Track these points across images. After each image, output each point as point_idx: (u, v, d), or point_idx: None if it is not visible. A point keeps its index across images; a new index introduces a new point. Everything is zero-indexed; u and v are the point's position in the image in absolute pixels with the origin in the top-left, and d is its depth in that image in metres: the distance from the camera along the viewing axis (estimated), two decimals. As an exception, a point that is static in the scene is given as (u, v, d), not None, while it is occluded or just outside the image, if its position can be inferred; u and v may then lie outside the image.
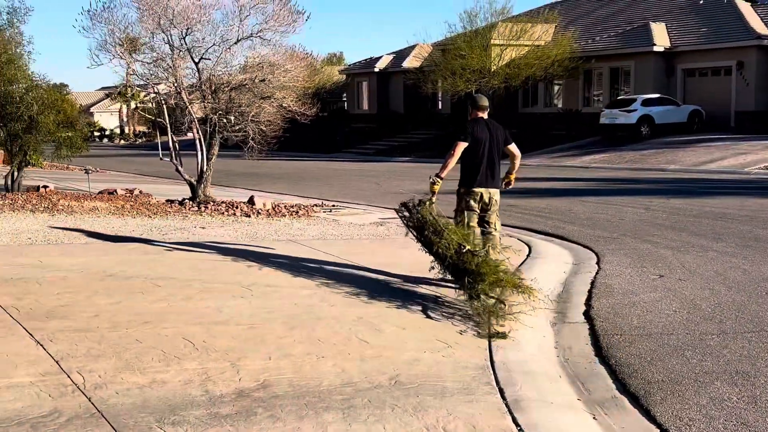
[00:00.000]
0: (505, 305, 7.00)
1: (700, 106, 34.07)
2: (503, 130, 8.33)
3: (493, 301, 6.99)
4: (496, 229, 8.30)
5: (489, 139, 8.11)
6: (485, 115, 8.28)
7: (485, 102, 8.34)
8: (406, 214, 7.91)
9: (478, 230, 8.09)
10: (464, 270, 7.26)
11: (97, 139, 69.74)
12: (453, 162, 7.99)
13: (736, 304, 7.57)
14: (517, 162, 8.50)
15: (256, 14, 14.77)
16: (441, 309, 7.35)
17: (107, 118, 77.01)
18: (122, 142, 69.26)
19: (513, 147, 8.38)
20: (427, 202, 7.74)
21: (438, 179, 7.92)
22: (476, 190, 8.12)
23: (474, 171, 8.11)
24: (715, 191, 18.41)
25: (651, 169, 26.58)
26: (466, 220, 8.09)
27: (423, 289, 8.04)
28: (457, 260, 7.36)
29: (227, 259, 9.34)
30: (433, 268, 7.78)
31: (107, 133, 72.62)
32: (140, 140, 66.23)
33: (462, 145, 7.99)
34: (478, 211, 8.19)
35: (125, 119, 74.33)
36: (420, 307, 7.34)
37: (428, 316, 7.10)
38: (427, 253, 7.83)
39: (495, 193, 8.24)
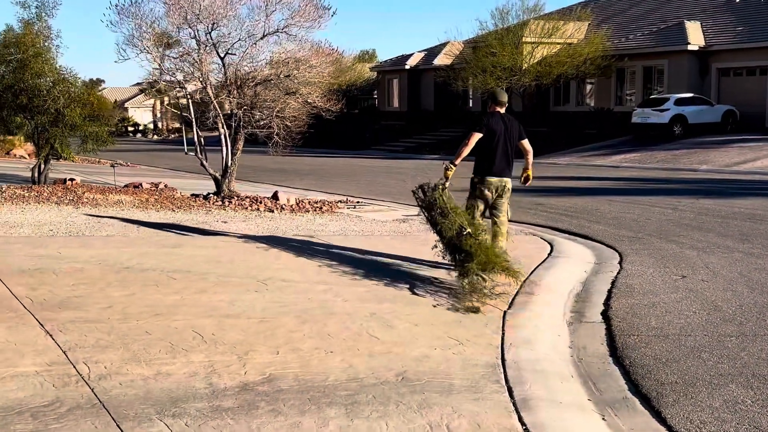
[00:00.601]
0: (485, 281, 7.65)
1: (734, 106, 33.58)
2: (518, 125, 8.77)
3: (481, 279, 7.62)
4: (507, 217, 8.74)
5: (504, 131, 8.55)
6: (503, 110, 8.73)
7: (504, 98, 8.79)
8: (421, 195, 8.38)
9: (480, 217, 8.57)
10: (459, 249, 7.83)
11: (130, 134, 70.45)
12: (467, 150, 8.44)
13: (758, 306, 7.41)
14: (530, 157, 8.91)
15: (282, 9, 14.78)
16: (427, 287, 7.92)
17: (141, 114, 77.76)
18: (155, 137, 69.84)
19: (526, 142, 8.82)
20: (440, 186, 8.16)
21: (452, 165, 8.40)
22: (489, 179, 8.53)
23: (488, 161, 8.53)
24: (745, 192, 18.11)
25: (682, 169, 26.24)
26: (478, 207, 8.56)
27: (425, 272, 8.60)
28: (456, 240, 7.85)
29: (245, 254, 9.34)
30: (435, 246, 8.22)
31: (141, 128, 73.32)
32: (173, 135, 66.74)
33: (476, 136, 8.44)
34: (489, 200, 8.58)
35: (159, 115, 74.96)
36: (408, 285, 7.92)
37: (414, 293, 7.65)
38: (434, 233, 8.34)
39: (508, 182, 8.63)
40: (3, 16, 55.87)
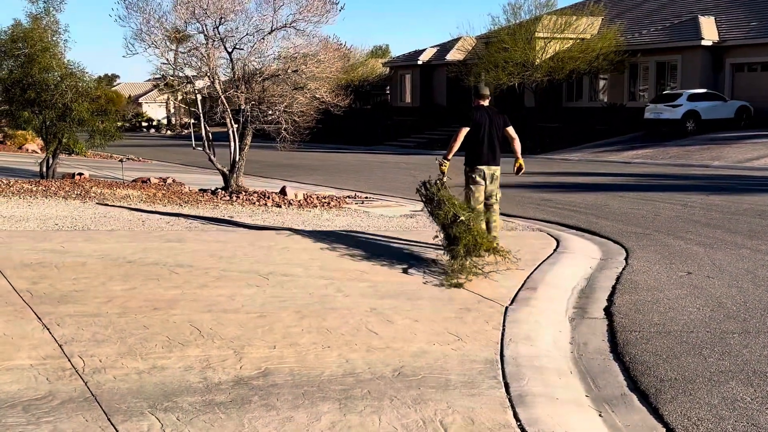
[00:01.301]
0: (466, 260, 8.13)
1: (748, 102, 33.32)
2: (502, 115, 9.35)
3: (468, 260, 8.15)
4: (496, 201, 9.28)
5: (489, 123, 9.13)
6: (486, 103, 9.34)
7: (486, 91, 9.40)
8: (423, 191, 8.92)
9: (481, 205, 9.10)
10: (451, 235, 8.40)
11: (144, 129, 70.64)
12: (457, 145, 9.08)
13: (763, 303, 7.33)
14: (517, 145, 9.45)
15: (289, 4, 14.75)
16: (426, 268, 8.44)
17: (155, 109, 77.88)
18: (168, 132, 69.99)
19: (511, 130, 9.35)
20: (437, 182, 8.77)
21: (445, 161, 9.02)
22: (478, 167, 9.12)
23: (476, 151, 9.12)
24: (757, 188, 17.97)
25: (694, 165, 26.05)
26: (474, 194, 9.09)
27: (429, 255, 8.78)
28: (449, 228, 8.43)
29: (249, 248, 9.32)
30: (437, 236, 8.77)
31: (154, 123, 73.45)
32: (185, 131, 66.85)
33: (464, 131, 9.06)
34: (484, 184, 9.14)
35: (172, 110, 75.08)
36: (410, 274, 8.29)
37: (409, 274, 8.21)
38: (437, 224, 8.83)
39: (496, 170, 9.22)
40: (11, 10, 56.31)
